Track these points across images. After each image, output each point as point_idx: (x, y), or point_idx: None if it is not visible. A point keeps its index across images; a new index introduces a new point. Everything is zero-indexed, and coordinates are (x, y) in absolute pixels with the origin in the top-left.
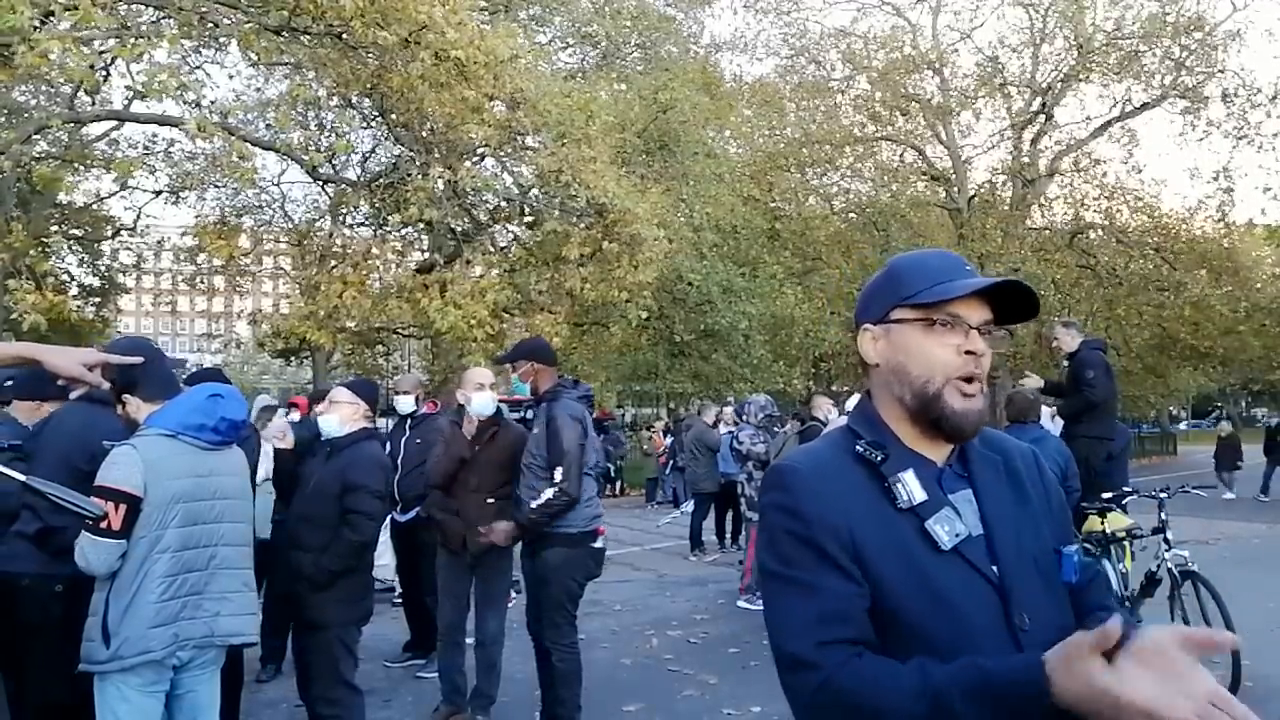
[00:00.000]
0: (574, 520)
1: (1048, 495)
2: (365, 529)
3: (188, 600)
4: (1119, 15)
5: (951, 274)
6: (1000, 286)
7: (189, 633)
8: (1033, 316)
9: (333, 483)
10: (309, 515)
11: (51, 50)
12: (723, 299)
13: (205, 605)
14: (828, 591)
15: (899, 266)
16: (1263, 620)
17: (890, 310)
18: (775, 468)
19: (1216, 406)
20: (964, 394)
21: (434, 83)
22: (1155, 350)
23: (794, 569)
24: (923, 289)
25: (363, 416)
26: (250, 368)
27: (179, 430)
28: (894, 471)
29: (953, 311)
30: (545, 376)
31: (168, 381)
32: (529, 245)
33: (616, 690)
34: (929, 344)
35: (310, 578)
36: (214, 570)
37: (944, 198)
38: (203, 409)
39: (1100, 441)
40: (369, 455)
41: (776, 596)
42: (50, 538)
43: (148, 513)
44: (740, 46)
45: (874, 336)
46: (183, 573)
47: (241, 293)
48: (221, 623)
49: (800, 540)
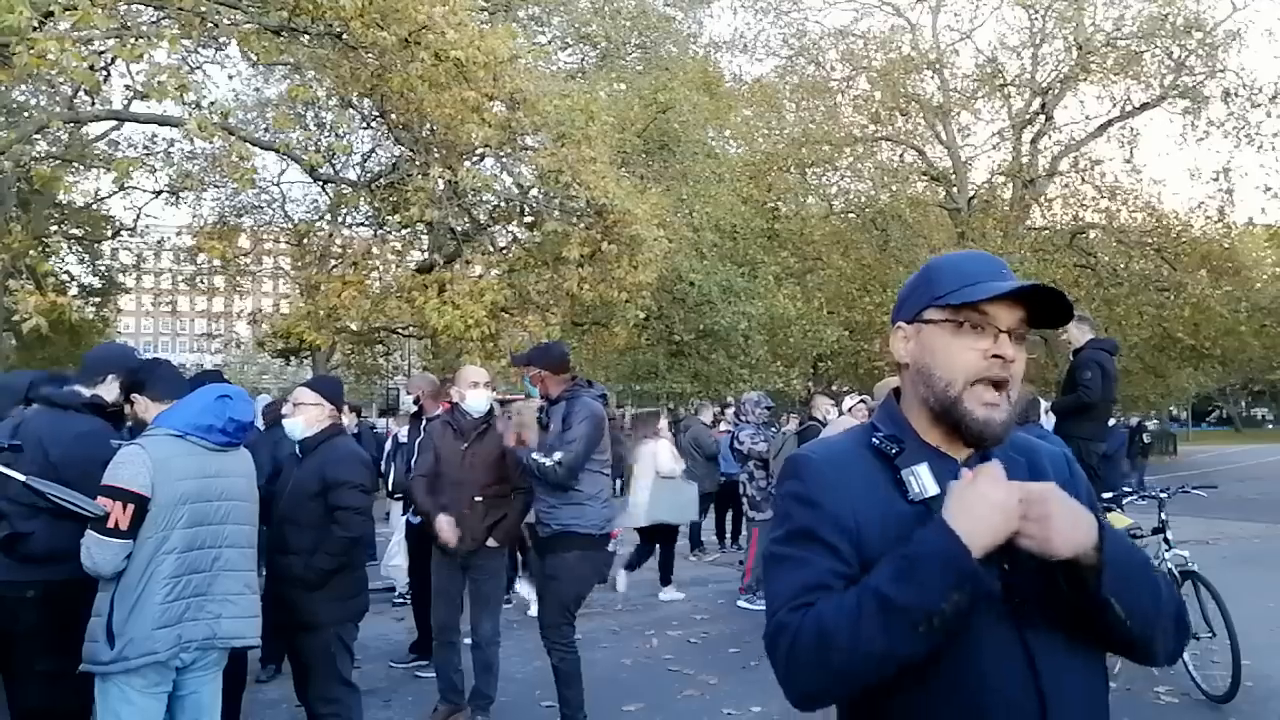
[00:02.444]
0: (591, 521)
1: (1077, 495)
2: (354, 524)
3: (191, 601)
4: (1118, 15)
5: (986, 276)
6: (1031, 291)
7: (192, 634)
8: (1066, 322)
9: (311, 482)
10: (292, 518)
11: (50, 50)
12: (722, 299)
13: (208, 607)
14: (816, 567)
15: (934, 267)
16: (1263, 620)
17: (922, 310)
18: (791, 457)
19: (1216, 406)
20: (985, 402)
21: (433, 83)
22: (1155, 350)
23: (791, 547)
24: (954, 290)
25: (328, 416)
26: (250, 368)
27: (187, 431)
28: (907, 464)
29: (982, 312)
30: (554, 384)
31: (176, 382)
32: (528, 245)
33: (616, 690)
34: (955, 346)
35: (302, 579)
36: (217, 572)
37: (944, 198)
38: (212, 410)
39: (1091, 442)
40: (345, 450)
41: (770, 575)
42: (16, 544)
43: (155, 513)
44: (740, 46)
45: (905, 336)
46: (187, 574)
47: (241, 293)
48: (224, 625)
49: (804, 525)
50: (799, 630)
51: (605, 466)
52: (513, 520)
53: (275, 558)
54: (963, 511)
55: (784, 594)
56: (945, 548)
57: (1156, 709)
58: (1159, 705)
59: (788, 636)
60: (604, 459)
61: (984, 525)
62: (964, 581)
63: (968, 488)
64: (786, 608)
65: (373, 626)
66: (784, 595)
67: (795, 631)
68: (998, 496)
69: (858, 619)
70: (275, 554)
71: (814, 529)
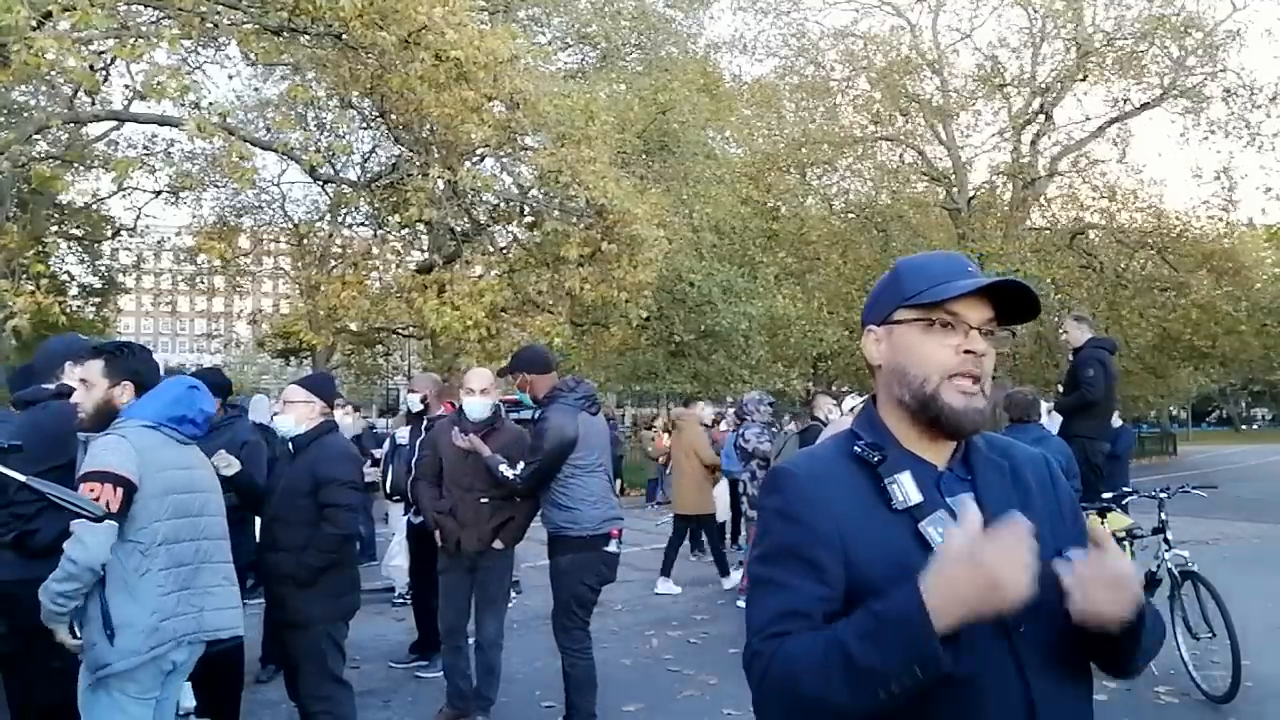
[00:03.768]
0: (583, 523)
1: (1058, 501)
2: (344, 521)
3: (180, 595)
4: (1118, 15)
5: (953, 275)
6: (999, 286)
7: (182, 629)
8: (1034, 316)
9: (303, 480)
10: (282, 516)
11: (48, 50)
12: (722, 299)
13: (193, 600)
14: (796, 592)
15: (902, 268)
16: (1263, 620)
17: (892, 312)
18: (773, 471)
19: (1216, 406)
20: (963, 391)
21: (433, 83)
22: (1156, 350)
23: (772, 568)
24: (923, 289)
25: (319, 414)
26: (250, 368)
27: (161, 422)
28: (890, 473)
29: (952, 311)
30: (540, 384)
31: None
32: (528, 246)
33: (616, 690)
34: (927, 344)
35: (293, 576)
36: (199, 564)
37: (944, 198)
38: (184, 401)
39: (1094, 442)
40: (335, 448)
41: (753, 595)
42: (25, 540)
43: (145, 504)
44: (740, 47)
45: (877, 338)
46: (175, 567)
47: (241, 293)
48: (208, 618)
49: (785, 542)
50: (770, 663)
51: (598, 469)
52: (519, 522)
53: (266, 555)
54: (942, 584)
55: (761, 619)
56: (909, 618)
57: (1156, 709)
58: (1159, 705)
59: (760, 666)
60: (588, 463)
61: (959, 607)
62: (921, 660)
63: (964, 549)
64: (762, 634)
65: (372, 626)
66: (761, 620)
67: (766, 665)
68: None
69: (824, 668)
70: (266, 551)
71: (795, 546)
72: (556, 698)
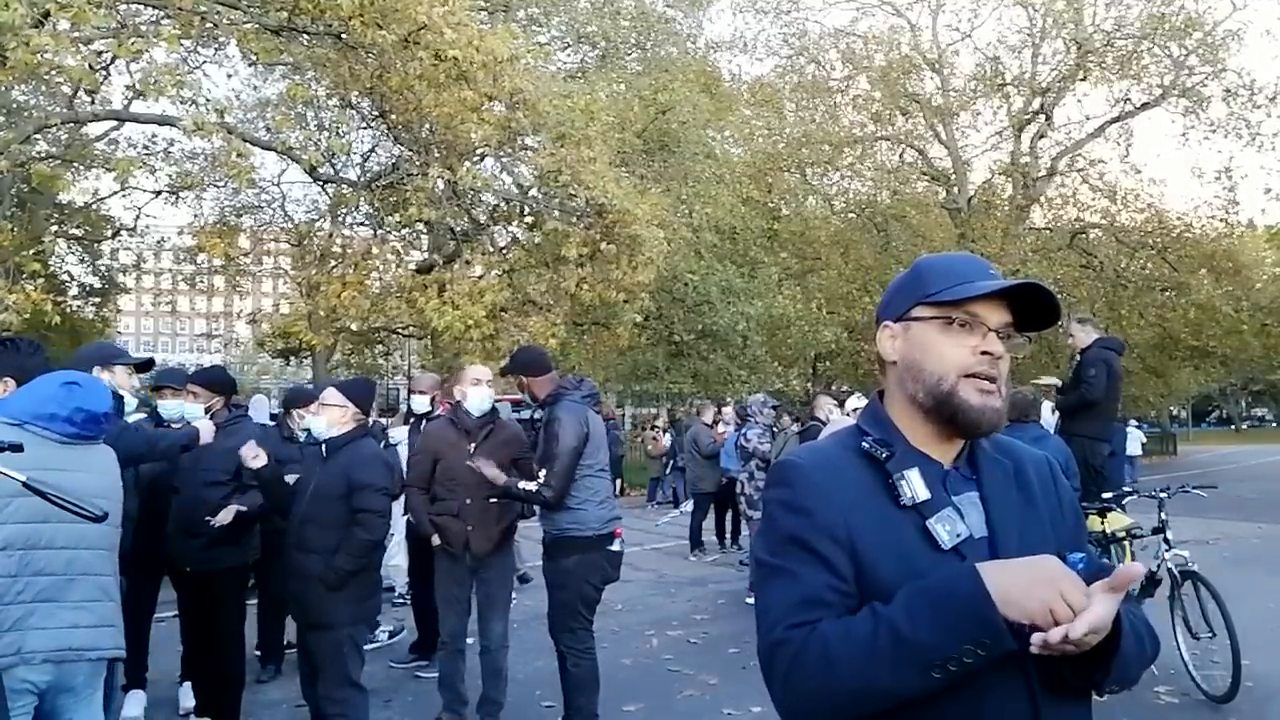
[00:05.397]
0: (589, 523)
1: (1060, 501)
2: (376, 527)
3: (38, 607)
4: (1118, 15)
5: (975, 275)
6: (1021, 289)
7: (36, 644)
8: (1053, 324)
9: (337, 484)
10: (314, 517)
11: (45, 48)
12: (722, 299)
13: (61, 615)
14: (811, 581)
15: (924, 266)
16: (1263, 620)
17: (911, 308)
18: (779, 463)
19: (1216, 406)
20: (981, 390)
21: (433, 83)
22: (1156, 350)
23: (781, 558)
24: (945, 288)
25: (352, 419)
26: (250, 368)
27: (26, 419)
28: (898, 469)
29: (972, 311)
30: (539, 385)
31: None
32: (528, 246)
33: (616, 690)
34: (945, 342)
35: (322, 579)
36: (73, 576)
37: (944, 198)
38: (55, 398)
39: (1094, 442)
40: (370, 453)
41: (762, 585)
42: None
43: None
44: (740, 46)
45: (893, 334)
46: (28, 575)
47: (241, 293)
48: (79, 635)
49: (793, 533)
50: (801, 652)
51: (599, 469)
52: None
53: (295, 555)
54: (1008, 584)
55: (780, 608)
56: (974, 597)
57: (1156, 709)
58: (1159, 705)
59: (787, 656)
60: (594, 462)
61: (1023, 604)
62: (992, 636)
63: (1060, 572)
64: (785, 624)
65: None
66: (780, 609)
67: (796, 653)
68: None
69: (869, 651)
70: (295, 552)
71: (804, 537)
72: (556, 698)
